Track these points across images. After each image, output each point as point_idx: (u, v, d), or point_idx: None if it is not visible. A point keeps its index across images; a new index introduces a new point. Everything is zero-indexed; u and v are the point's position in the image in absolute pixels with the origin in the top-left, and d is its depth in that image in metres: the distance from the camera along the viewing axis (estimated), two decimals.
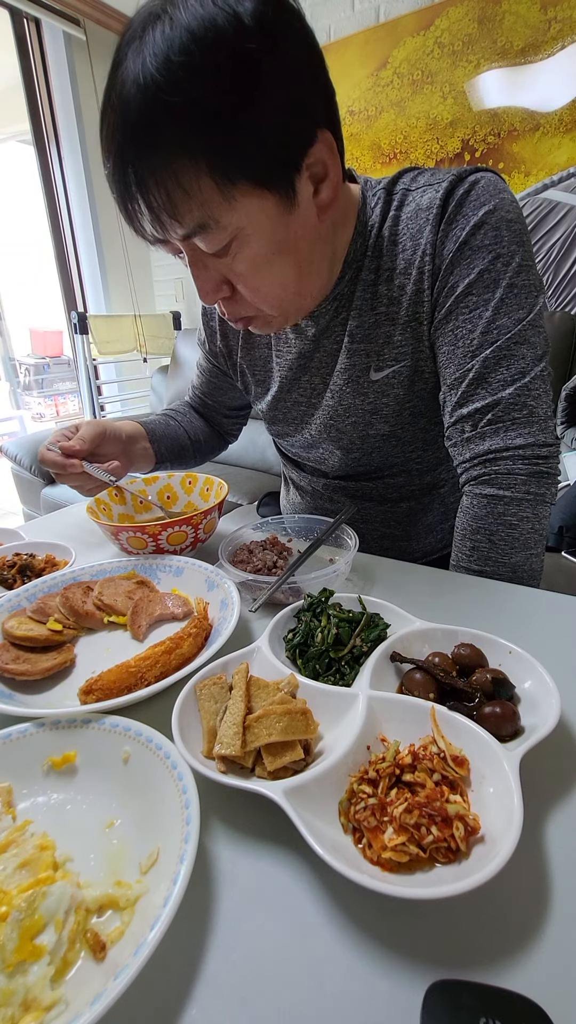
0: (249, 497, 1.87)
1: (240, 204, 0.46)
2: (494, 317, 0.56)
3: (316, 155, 0.49)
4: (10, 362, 4.98)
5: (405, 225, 0.59)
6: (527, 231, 0.57)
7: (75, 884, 0.28)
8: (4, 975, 0.24)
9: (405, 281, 0.59)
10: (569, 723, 0.38)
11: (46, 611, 0.51)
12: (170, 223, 0.46)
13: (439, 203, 0.56)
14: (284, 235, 0.51)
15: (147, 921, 0.25)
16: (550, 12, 1.64)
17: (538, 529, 0.59)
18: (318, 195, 0.52)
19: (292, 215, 0.50)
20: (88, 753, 0.35)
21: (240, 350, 0.79)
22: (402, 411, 0.67)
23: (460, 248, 0.55)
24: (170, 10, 0.41)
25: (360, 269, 0.62)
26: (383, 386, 0.65)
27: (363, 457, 0.73)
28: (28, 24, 2.45)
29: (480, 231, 0.55)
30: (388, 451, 0.72)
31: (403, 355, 0.63)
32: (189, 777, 0.31)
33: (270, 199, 0.48)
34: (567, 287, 1.79)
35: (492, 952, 0.25)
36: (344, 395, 0.68)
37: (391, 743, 0.34)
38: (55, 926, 0.25)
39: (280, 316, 0.59)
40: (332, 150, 0.51)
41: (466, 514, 0.61)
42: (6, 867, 0.28)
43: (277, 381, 0.75)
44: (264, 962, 0.25)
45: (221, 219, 0.46)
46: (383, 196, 0.60)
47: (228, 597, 0.51)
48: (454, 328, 0.58)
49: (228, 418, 0.95)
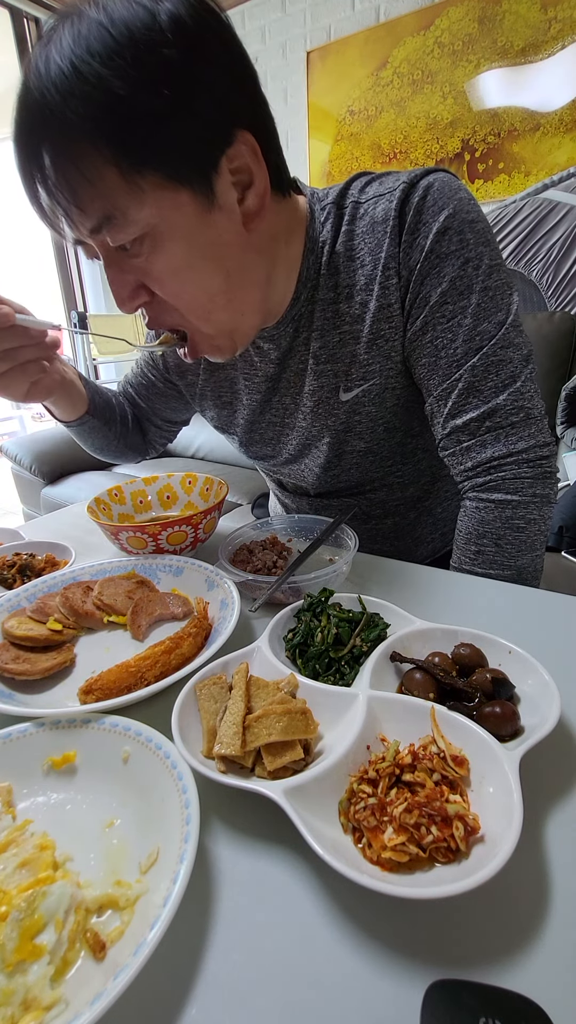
0: (249, 497, 1.87)
1: (150, 198, 0.44)
2: (475, 324, 0.55)
3: (237, 158, 0.47)
4: None
5: (361, 239, 0.57)
6: (490, 228, 0.56)
7: (75, 884, 0.28)
8: (4, 975, 0.24)
9: (367, 298, 0.58)
10: (569, 723, 0.38)
11: (46, 611, 0.51)
12: (76, 214, 0.44)
13: (395, 213, 0.54)
14: (205, 239, 0.48)
15: (147, 921, 0.25)
16: (550, 12, 1.64)
17: (543, 530, 0.59)
18: (243, 203, 0.50)
19: (212, 217, 0.48)
20: (88, 753, 0.35)
21: (203, 372, 0.76)
22: (376, 427, 0.66)
23: (427, 257, 0.54)
24: (91, 6, 0.41)
25: (316, 288, 0.60)
26: (354, 405, 0.64)
27: (342, 474, 0.72)
28: (28, 23, 2.45)
29: (444, 237, 0.53)
30: (367, 467, 0.71)
31: (371, 373, 0.61)
32: (189, 777, 0.31)
33: (184, 196, 0.45)
34: (567, 287, 1.79)
35: (492, 952, 0.25)
36: (317, 416, 0.67)
37: (391, 743, 0.34)
38: (55, 926, 0.25)
39: (218, 334, 0.56)
40: (256, 156, 0.48)
41: (471, 519, 0.60)
42: (6, 867, 0.28)
43: (247, 405, 0.73)
44: (264, 962, 0.25)
45: (128, 211, 0.44)
46: (333, 210, 0.58)
47: (228, 597, 0.51)
48: (433, 339, 0.57)
49: (155, 426, 0.89)
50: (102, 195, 0.43)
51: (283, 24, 2.21)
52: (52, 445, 2.22)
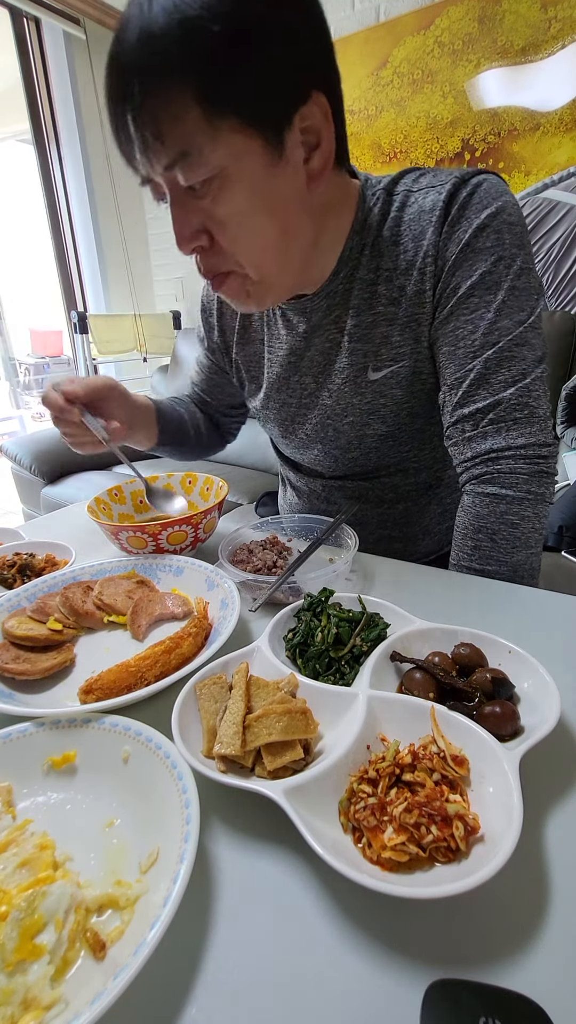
0: (249, 497, 1.87)
1: (226, 140, 0.47)
2: (496, 319, 0.56)
3: (309, 117, 0.50)
4: (10, 362, 4.97)
5: (407, 226, 0.59)
6: (528, 234, 0.58)
7: (75, 883, 0.28)
8: (4, 974, 0.24)
9: (405, 282, 0.60)
10: (569, 723, 0.38)
11: (46, 611, 0.51)
12: (156, 147, 0.46)
13: (442, 205, 0.56)
14: (269, 189, 0.51)
15: (147, 921, 0.25)
16: (550, 11, 1.64)
17: (538, 528, 0.59)
18: (309, 163, 0.52)
19: (278, 169, 0.50)
20: (88, 753, 0.35)
21: (236, 345, 0.79)
22: (400, 411, 0.67)
23: (463, 250, 0.56)
24: None
25: (357, 267, 0.62)
26: (381, 386, 0.65)
27: (360, 457, 0.73)
28: (28, 23, 2.44)
29: (483, 233, 0.55)
30: (385, 451, 0.72)
31: (401, 355, 0.63)
32: (189, 776, 0.31)
33: (256, 144, 0.48)
34: (567, 287, 1.79)
35: (492, 952, 0.25)
36: (343, 394, 0.68)
37: (391, 743, 0.34)
38: (55, 925, 0.25)
39: (260, 283, 0.58)
40: (327, 119, 0.51)
41: (468, 513, 0.61)
42: (6, 867, 0.28)
43: (267, 378, 0.76)
44: (264, 961, 0.25)
45: (204, 151, 0.46)
46: (383, 196, 0.61)
47: (228, 597, 0.51)
48: (455, 328, 0.58)
49: (227, 416, 0.95)
50: (182, 131, 0.45)
51: None
52: (52, 445, 2.22)
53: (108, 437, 0.65)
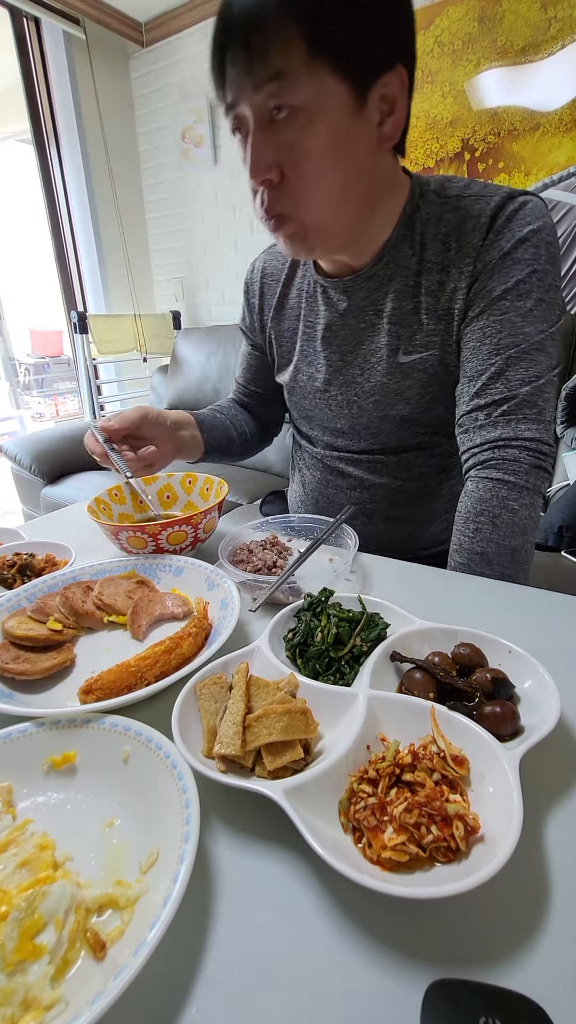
0: (249, 497, 1.87)
1: (319, 78, 0.52)
2: (522, 324, 0.61)
3: (390, 84, 0.55)
4: (10, 362, 4.98)
5: (454, 228, 0.63)
6: (560, 257, 0.64)
7: (75, 883, 0.28)
8: (4, 974, 0.24)
9: (445, 277, 0.64)
10: (569, 723, 0.38)
11: (46, 611, 0.51)
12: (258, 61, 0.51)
13: (489, 214, 0.61)
14: (346, 135, 0.56)
15: (147, 921, 0.25)
16: (550, 11, 1.64)
17: (534, 518, 0.62)
18: (382, 126, 0.58)
19: (356, 121, 0.55)
20: (88, 753, 0.35)
21: (271, 320, 0.84)
22: (424, 395, 0.71)
23: (503, 258, 0.61)
24: None
25: (401, 255, 0.67)
26: (409, 369, 0.69)
27: (381, 435, 0.77)
28: (28, 23, 2.44)
29: (523, 245, 0.60)
30: (405, 432, 0.75)
31: (432, 344, 0.67)
32: (189, 777, 0.31)
33: (344, 91, 0.53)
34: (567, 287, 1.79)
35: (492, 952, 0.25)
36: (373, 373, 0.72)
37: (391, 742, 0.34)
38: (55, 925, 0.25)
39: (313, 229, 0.62)
40: (404, 90, 0.57)
41: (470, 498, 0.64)
42: (6, 867, 0.28)
43: (299, 351, 0.80)
44: (264, 961, 0.25)
45: (299, 79, 0.51)
46: (434, 198, 0.65)
47: (228, 597, 0.51)
48: (484, 327, 0.63)
49: (272, 405, 0.97)
50: (286, 57, 0.51)
51: None
52: (52, 445, 2.22)
53: (130, 474, 0.69)
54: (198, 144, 2.56)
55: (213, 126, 2.51)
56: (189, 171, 2.65)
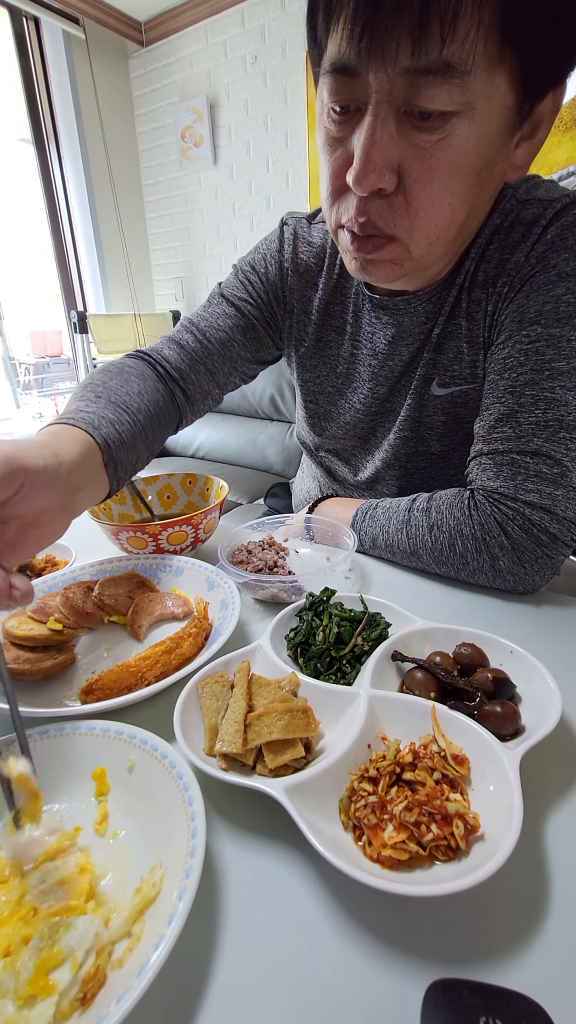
0: (249, 497, 1.87)
1: (495, 79, 0.41)
2: (552, 358, 0.51)
3: (544, 106, 0.45)
4: (10, 362, 4.97)
5: (506, 233, 0.54)
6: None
7: (103, 920, 0.26)
8: (14, 1003, 0.23)
9: (482, 296, 0.56)
10: (570, 723, 0.38)
11: (46, 611, 0.51)
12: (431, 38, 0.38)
13: (543, 223, 0.52)
14: (491, 155, 0.45)
15: (151, 941, 0.24)
16: None
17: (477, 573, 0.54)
18: (516, 150, 0.47)
19: (506, 140, 0.45)
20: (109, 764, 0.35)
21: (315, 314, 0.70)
22: (458, 432, 0.63)
23: (546, 271, 0.52)
24: None
25: (456, 273, 0.58)
26: (445, 404, 0.62)
27: (403, 474, 0.70)
28: (27, 23, 2.44)
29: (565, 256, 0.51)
30: (431, 471, 0.69)
31: (473, 377, 0.59)
32: (195, 787, 0.30)
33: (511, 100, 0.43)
34: None
35: (492, 951, 0.25)
36: (403, 404, 0.65)
37: (392, 741, 0.34)
38: (72, 964, 0.24)
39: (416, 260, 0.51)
40: (552, 116, 0.46)
41: (442, 503, 0.57)
42: (46, 880, 0.28)
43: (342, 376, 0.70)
44: (263, 960, 0.25)
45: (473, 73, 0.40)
46: (513, 205, 0.55)
47: (228, 597, 0.51)
48: (506, 357, 0.54)
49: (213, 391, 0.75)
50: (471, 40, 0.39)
51: (283, 23, 2.21)
52: None
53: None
54: (198, 144, 2.56)
55: (213, 126, 2.51)
56: (189, 171, 2.65)
